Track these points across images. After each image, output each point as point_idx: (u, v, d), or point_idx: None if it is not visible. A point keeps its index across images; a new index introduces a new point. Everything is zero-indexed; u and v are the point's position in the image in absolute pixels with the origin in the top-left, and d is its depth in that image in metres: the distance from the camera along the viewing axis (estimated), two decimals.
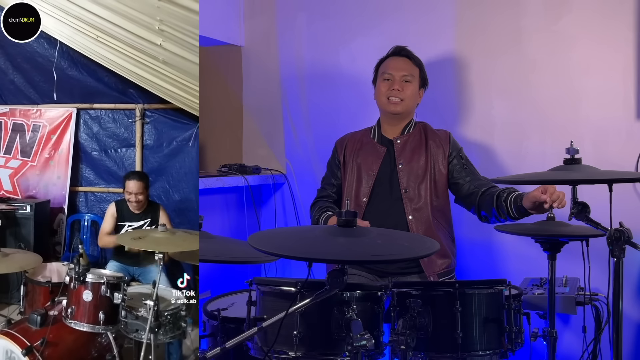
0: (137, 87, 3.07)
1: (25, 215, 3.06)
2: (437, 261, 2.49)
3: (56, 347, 2.06)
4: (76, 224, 3.27)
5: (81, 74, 3.24)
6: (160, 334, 2.10)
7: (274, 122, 3.59)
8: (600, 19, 2.86)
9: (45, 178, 3.31)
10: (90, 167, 3.34)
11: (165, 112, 3.22)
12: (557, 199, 2.13)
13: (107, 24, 2.48)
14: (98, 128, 3.32)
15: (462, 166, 2.55)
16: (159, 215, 2.95)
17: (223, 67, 3.69)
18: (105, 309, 2.08)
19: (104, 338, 2.18)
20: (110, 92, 3.25)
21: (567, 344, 2.82)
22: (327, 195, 2.67)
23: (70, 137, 3.29)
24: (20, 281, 2.46)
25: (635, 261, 2.66)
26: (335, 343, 1.74)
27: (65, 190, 3.29)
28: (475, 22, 3.09)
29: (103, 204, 3.28)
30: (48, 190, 3.30)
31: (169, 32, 2.34)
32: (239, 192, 3.35)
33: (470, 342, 1.86)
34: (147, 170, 3.19)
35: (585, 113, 2.89)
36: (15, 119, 3.33)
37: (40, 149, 3.31)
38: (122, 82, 3.15)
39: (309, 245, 1.62)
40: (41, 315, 2.10)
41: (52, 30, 2.89)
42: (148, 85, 2.90)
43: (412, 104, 2.59)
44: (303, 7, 3.48)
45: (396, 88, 2.55)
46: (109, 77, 3.18)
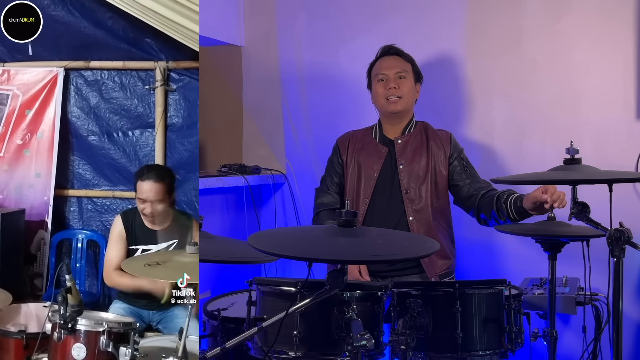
0: (156, 34, 2.15)
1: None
2: (438, 262, 2.49)
3: None
4: (65, 245, 2.35)
5: (71, 15, 2.28)
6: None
7: (274, 122, 3.59)
8: (600, 19, 2.86)
9: (18, 176, 2.34)
10: (86, 160, 2.39)
11: (195, 72, 2.27)
12: (558, 199, 2.13)
13: None
14: (98, 99, 2.33)
15: (462, 168, 2.55)
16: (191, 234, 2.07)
17: (223, 67, 3.69)
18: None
19: None
20: (117, 44, 2.28)
21: (567, 344, 2.81)
22: (330, 203, 2.63)
23: (54, 113, 2.28)
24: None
25: (635, 261, 2.66)
26: (335, 343, 1.74)
27: (48, 195, 2.31)
28: (476, 22, 3.09)
29: (106, 216, 2.36)
30: (22, 195, 2.32)
31: None
32: (239, 192, 3.35)
33: (470, 342, 1.86)
34: (173, 164, 2.30)
35: (585, 113, 2.90)
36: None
37: (9, 132, 2.29)
38: (133, 29, 2.22)
39: (309, 245, 1.62)
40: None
41: None
42: (170, 29, 1.99)
43: (411, 100, 2.59)
44: (303, 7, 3.48)
45: (392, 86, 2.55)
46: (114, 19, 2.24)
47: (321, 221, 2.60)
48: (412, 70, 2.60)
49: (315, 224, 2.65)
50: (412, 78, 2.59)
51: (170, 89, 2.27)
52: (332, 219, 2.51)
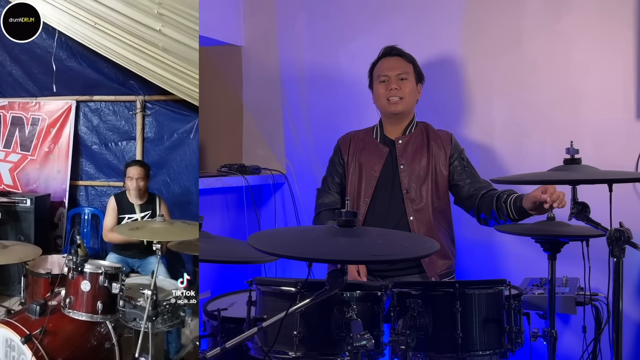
0: (137, 78, 3.01)
1: (26, 209, 3.05)
2: (438, 262, 2.49)
3: (55, 336, 2.09)
4: (77, 217, 3.26)
5: (80, 65, 3.19)
6: (158, 322, 2.11)
7: (274, 122, 3.59)
8: (600, 19, 2.86)
9: (46, 172, 3.29)
10: (90, 161, 3.31)
11: (166, 103, 3.19)
12: (558, 199, 2.13)
13: (105, 10, 2.48)
14: (98, 121, 3.28)
15: (462, 168, 2.55)
16: (159, 209, 2.96)
17: (223, 67, 3.69)
18: (103, 298, 2.10)
19: (103, 327, 2.20)
20: (111, 84, 3.20)
21: (567, 344, 2.81)
22: (331, 203, 2.64)
23: (70, 130, 3.27)
24: (21, 273, 2.50)
25: (635, 261, 2.66)
26: (335, 343, 1.74)
27: (65, 184, 3.28)
28: (476, 22, 3.09)
29: (103, 198, 3.28)
30: (48, 185, 3.29)
31: (168, 16, 2.34)
32: (239, 192, 3.35)
33: (470, 342, 1.86)
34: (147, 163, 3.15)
35: (585, 113, 2.90)
36: (14, 112, 3.31)
37: (39, 143, 3.28)
38: (122, 74, 3.10)
39: (309, 245, 1.62)
40: (40, 305, 2.12)
41: (50, 18, 2.85)
42: (148, 75, 2.85)
43: (412, 101, 2.59)
44: (303, 7, 3.48)
45: (394, 87, 2.55)
46: (109, 68, 3.13)
47: (322, 221, 2.60)
48: (414, 71, 2.60)
49: (316, 223, 2.65)
50: (414, 79, 2.59)
51: (146, 114, 3.23)
52: (332, 219, 2.51)
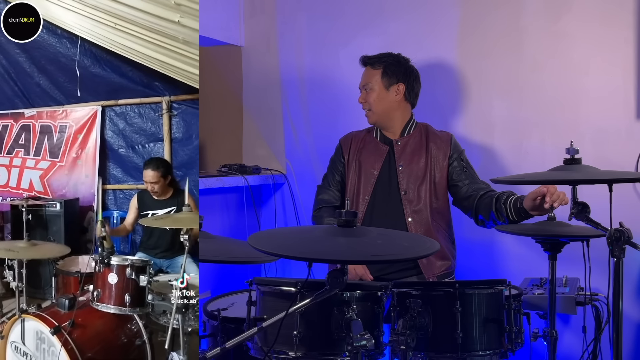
0: (162, 79, 3.00)
1: (55, 213, 3.09)
2: (436, 263, 2.49)
3: (85, 330, 2.12)
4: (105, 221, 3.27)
5: (104, 70, 3.22)
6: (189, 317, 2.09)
7: (274, 122, 3.59)
8: (600, 19, 2.85)
9: (74, 177, 3.35)
10: (117, 165, 3.34)
11: (193, 102, 3.16)
12: (558, 199, 2.13)
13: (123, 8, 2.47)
14: (124, 124, 3.29)
15: (461, 169, 2.55)
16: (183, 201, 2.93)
17: (223, 67, 3.69)
18: (131, 291, 2.11)
19: (133, 325, 2.20)
20: (135, 87, 3.20)
21: (567, 344, 2.81)
22: (330, 199, 2.65)
23: (96, 136, 3.30)
24: (51, 275, 2.62)
25: (635, 261, 2.66)
26: (335, 343, 1.74)
27: (94, 189, 3.32)
28: (476, 22, 3.08)
29: None
30: (77, 189, 3.35)
31: (185, 5, 2.32)
32: (239, 192, 3.35)
33: (470, 342, 1.86)
34: (177, 165, 3.16)
35: (585, 113, 2.89)
36: (43, 121, 3.36)
37: (67, 149, 3.34)
38: (146, 76, 3.11)
39: (309, 245, 1.62)
40: (69, 300, 2.15)
41: (72, 25, 2.88)
42: (171, 72, 2.80)
43: (382, 108, 2.57)
44: (303, 8, 3.48)
45: (360, 101, 2.60)
46: (133, 71, 3.14)
47: (321, 217, 2.61)
48: (382, 76, 2.56)
49: (315, 219, 2.66)
50: (381, 85, 2.56)
51: (173, 114, 3.16)
52: (332, 215, 2.51)
